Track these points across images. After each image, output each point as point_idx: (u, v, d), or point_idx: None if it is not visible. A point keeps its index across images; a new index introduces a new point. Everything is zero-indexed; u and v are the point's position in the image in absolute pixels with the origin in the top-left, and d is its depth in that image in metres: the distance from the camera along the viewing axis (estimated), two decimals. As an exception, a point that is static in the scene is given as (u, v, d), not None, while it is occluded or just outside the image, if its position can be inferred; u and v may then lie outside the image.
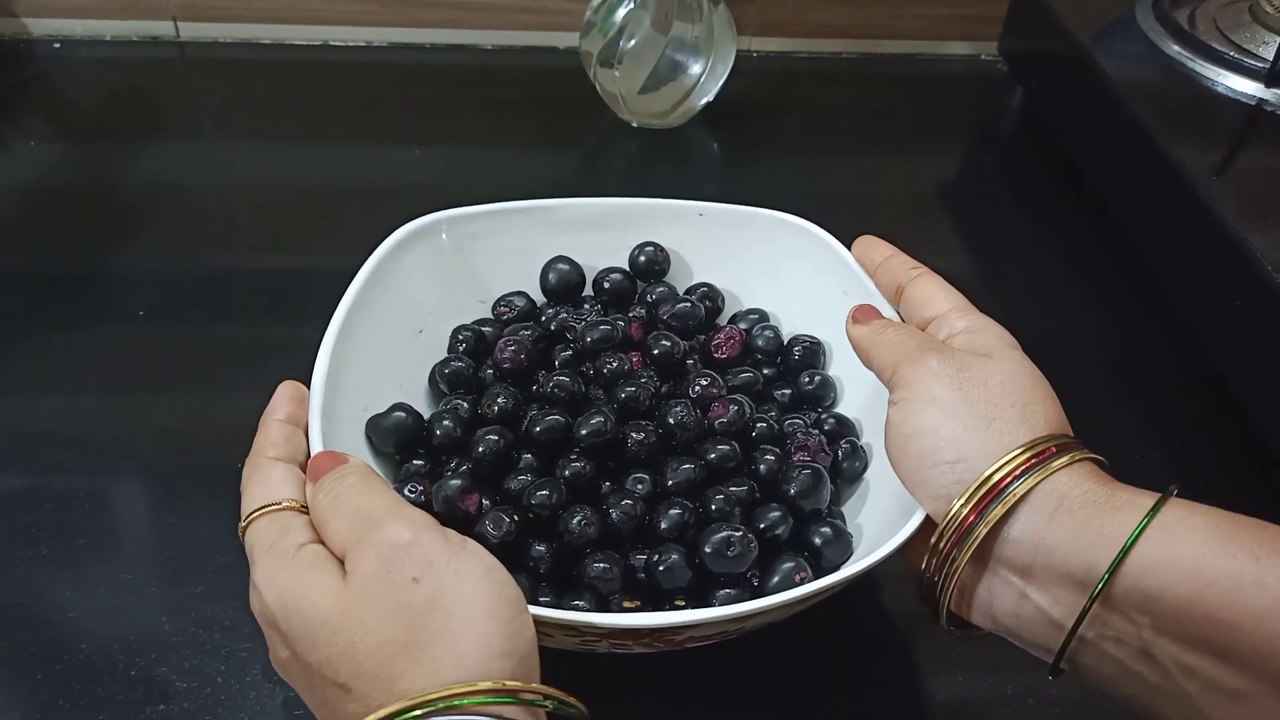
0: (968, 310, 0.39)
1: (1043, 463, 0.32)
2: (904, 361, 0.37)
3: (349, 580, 0.30)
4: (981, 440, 0.33)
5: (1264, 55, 0.62)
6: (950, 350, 0.37)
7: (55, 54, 0.80)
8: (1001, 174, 0.75)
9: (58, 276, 0.60)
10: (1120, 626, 0.30)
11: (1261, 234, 0.50)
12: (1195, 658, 0.28)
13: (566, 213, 0.52)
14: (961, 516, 0.33)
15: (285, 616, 0.30)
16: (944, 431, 0.34)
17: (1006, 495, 0.32)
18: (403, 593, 0.29)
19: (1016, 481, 0.32)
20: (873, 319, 0.41)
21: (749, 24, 0.83)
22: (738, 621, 0.35)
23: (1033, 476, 0.32)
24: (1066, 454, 0.33)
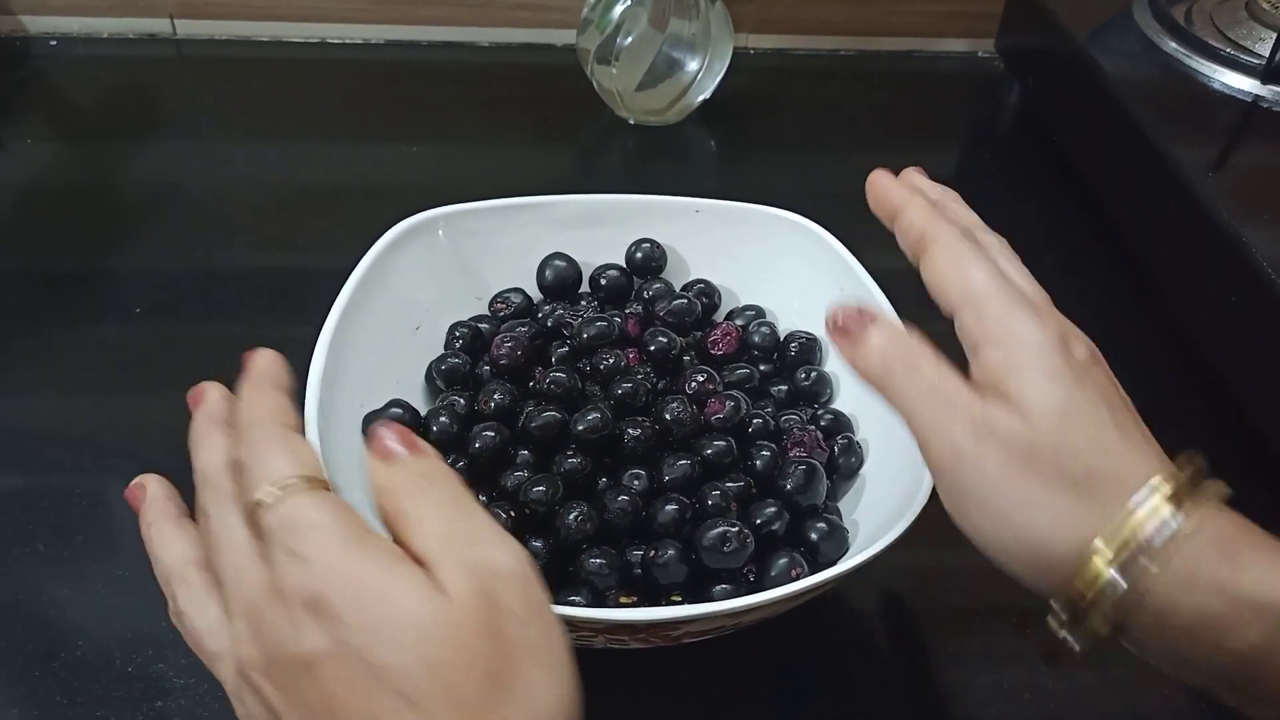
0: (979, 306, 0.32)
1: (1129, 571, 0.27)
2: (927, 440, 0.31)
3: (445, 593, 0.26)
4: (1057, 553, 0.29)
5: (1260, 52, 0.62)
6: (981, 413, 0.30)
7: (52, 51, 0.80)
8: (998, 171, 0.75)
9: (55, 275, 0.60)
10: None
11: (1257, 230, 0.50)
12: None
13: (563, 209, 0.52)
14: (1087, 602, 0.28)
15: (353, 605, 0.26)
16: (1011, 549, 0.30)
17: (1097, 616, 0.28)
18: (506, 625, 0.26)
19: (1100, 603, 0.28)
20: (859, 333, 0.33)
21: (746, 21, 0.83)
22: (734, 617, 0.35)
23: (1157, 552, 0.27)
24: (1161, 545, 0.27)
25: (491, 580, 0.27)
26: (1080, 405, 0.30)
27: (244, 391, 0.33)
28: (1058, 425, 0.29)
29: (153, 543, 0.33)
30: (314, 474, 0.30)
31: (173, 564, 0.32)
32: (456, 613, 0.26)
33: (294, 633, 0.27)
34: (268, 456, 0.30)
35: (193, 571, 0.31)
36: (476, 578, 0.27)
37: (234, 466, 0.31)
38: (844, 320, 0.33)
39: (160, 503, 0.34)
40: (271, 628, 0.27)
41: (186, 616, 0.31)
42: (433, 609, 0.26)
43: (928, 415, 0.31)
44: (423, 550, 0.28)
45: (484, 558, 0.27)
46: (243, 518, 0.30)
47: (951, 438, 0.30)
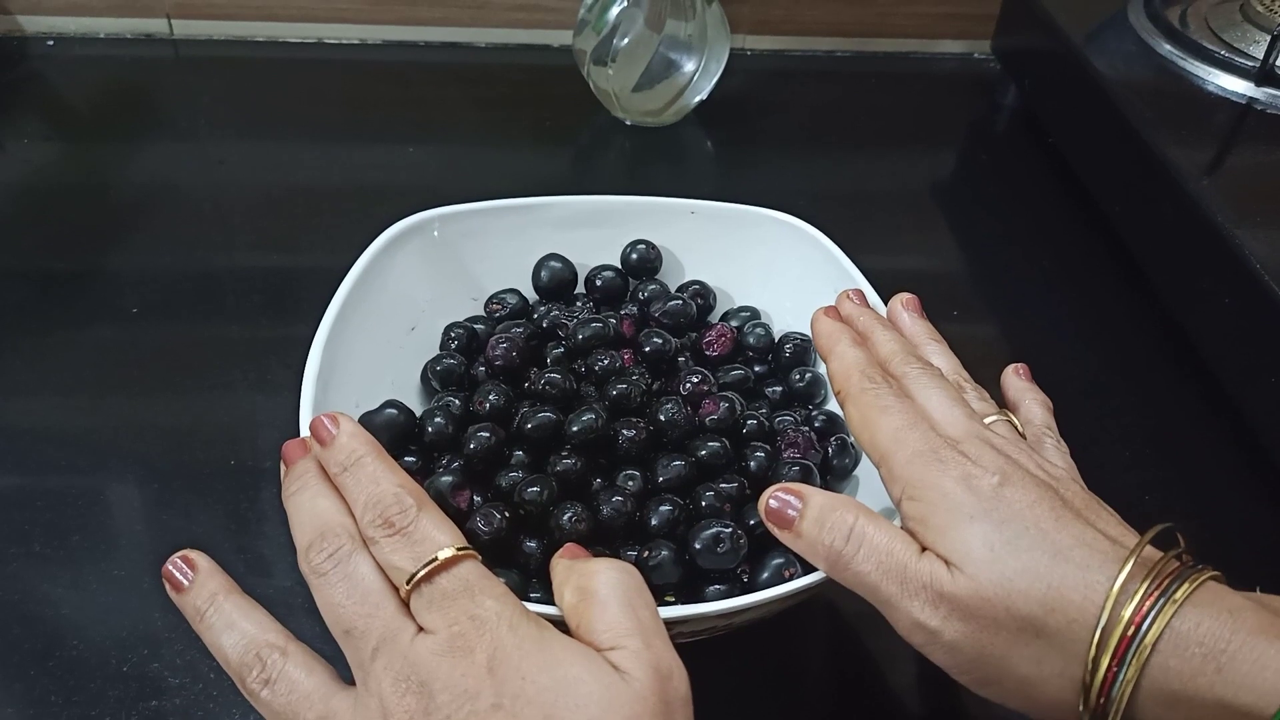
0: (887, 464, 0.34)
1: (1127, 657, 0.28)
2: (895, 617, 0.32)
3: (625, 678, 0.28)
4: (1048, 694, 0.30)
5: (1254, 54, 0.62)
6: (929, 575, 0.31)
7: (49, 52, 0.80)
8: (995, 172, 0.75)
9: (50, 275, 0.60)
10: None
11: (1252, 232, 0.50)
12: None
13: (559, 210, 0.52)
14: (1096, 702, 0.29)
15: (538, 669, 0.27)
16: (1011, 703, 0.31)
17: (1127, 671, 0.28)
18: (676, 714, 0.28)
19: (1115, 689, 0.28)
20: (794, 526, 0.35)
21: (743, 22, 0.83)
22: (727, 617, 0.35)
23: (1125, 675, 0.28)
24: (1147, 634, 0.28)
25: (668, 685, 0.28)
26: (1005, 542, 0.30)
27: (366, 458, 0.33)
28: (993, 573, 0.30)
29: (217, 626, 0.32)
30: (470, 548, 0.31)
31: (258, 635, 0.31)
32: (638, 692, 0.27)
33: (473, 689, 0.27)
34: (429, 527, 0.31)
35: (291, 644, 0.31)
36: (658, 679, 0.28)
37: (383, 523, 0.31)
38: (774, 506, 0.35)
39: (218, 577, 0.33)
40: (445, 686, 0.27)
41: (285, 683, 0.30)
42: (616, 686, 0.27)
43: (886, 592, 0.32)
44: (606, 635, 0.29)
45: (665, 663, 0.29)
46: (385, 579, 0.30)
47: (912, 614, 0.31)
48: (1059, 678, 0.29)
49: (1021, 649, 0.30)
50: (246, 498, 0.48)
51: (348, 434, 0.34)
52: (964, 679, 0.32)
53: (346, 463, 0.33)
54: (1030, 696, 0.30)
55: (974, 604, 0.30)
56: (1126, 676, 0.28)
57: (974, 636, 0.30)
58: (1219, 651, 0.27)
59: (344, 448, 0.33)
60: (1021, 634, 0.30)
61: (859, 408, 0.36)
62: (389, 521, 0.31)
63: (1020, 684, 0.30)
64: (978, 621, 0.30)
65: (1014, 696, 0.31)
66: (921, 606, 0.31)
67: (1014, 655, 0.30)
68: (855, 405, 0.36)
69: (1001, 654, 0.30)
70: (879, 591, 0.32)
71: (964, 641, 0.30)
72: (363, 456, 0.33)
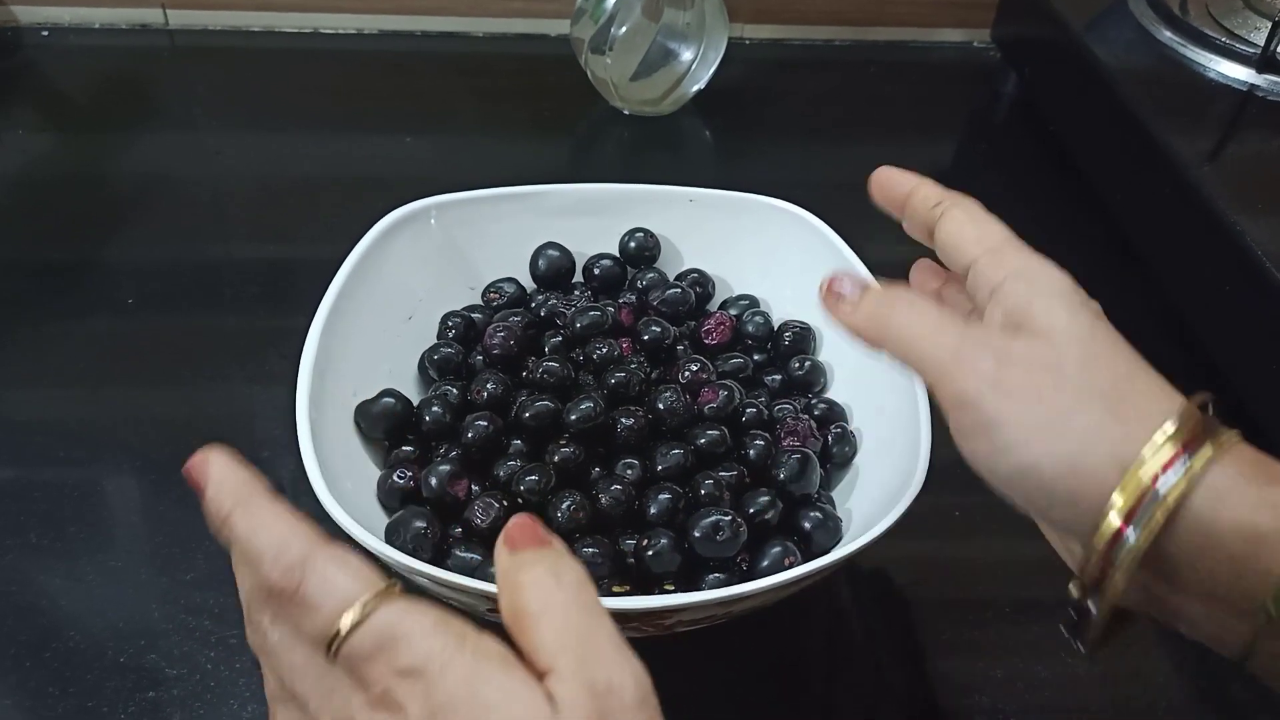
0: (1002, 251, 0.32)
1: (1176, 472, 0.27)
2: (951, 368, 0.30)
3: (555, 709, 0.24)
4: (1093, 465, 0.28)
5: (1255, 41, 0.62)
6: (1000, 341, 0.30)
7: (43, 42, 0.79)
8: (995, 160, 0.75)
9: (46, 266, 0.60)
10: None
11: (1252, 219, 0.50)
12: None
13: (556, 199, 0.52)
14: (1099, 555, 0.28)
15: (460, 700, 0.24)
16: (1048, 469, 0.28)
17: (1140, 531, 0.27)
18: None
19: (1147, 511, 0.27)
20: (859, 291, 0.34)
21: (741, 11, 0.83)
22: (726, 605, 0.35)
23: (1169, 497, 0.27)
24: (1200, 450, 0.27)
25: (608, 701, 0.25)
26: (1103, 334, 0.30)
27: (233, 514, 0.28)
28: (1084, 348, 0.29)
29: None
30: (383, 583, 0.26)
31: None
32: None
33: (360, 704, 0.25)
34: (326, 578, 0.26)
35: None
36: (594, 698, 0.25)
37: (272, 594, 0.27)
38: (837, 286, 0.34)
39: None
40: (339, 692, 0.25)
41: None
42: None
43: (945, 349, 0.30)
44: (540, 656, 0.26)
45: (603, 677, 0.25)
46: (307, 643, 0.26)
47: (975, 366, 0.29)
48: (1110, 451, 0.28)
49: (1082, 414, 0.28)
50: (244, 488, 0.47)
51: (214, 486, 0.28)
52: (994, 440, 0.29)
53: (217, 524, 0.28)
54: (1066, 465, 0.28)
55: (1054, 365, 0.29)
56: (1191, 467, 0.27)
57: (1039, 393, 0.29)
58: (1270, 464, 0.27)
59: (211, 505, 0.28)
60: (1090, 401, 0.29)
61: (969, 210, 0.35)
62: (276, 591, 0.26)
63: (1063, 448, 0.28)
64: (1052, 383, 0.29)
65: (1044, 466, 0.29)
66: (987, 361, 0.29)
67: (1072, 418, 0.28)
68: (965, 209, 0.35)
69: (1057, 417, 0.28)
70: (932, 354, 0.31)
71: (1025, 396, 0.29)
72: (229, 514, 0.28)
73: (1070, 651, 0.43)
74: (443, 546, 0.39)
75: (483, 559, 0.38)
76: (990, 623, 0.44)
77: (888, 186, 0.37)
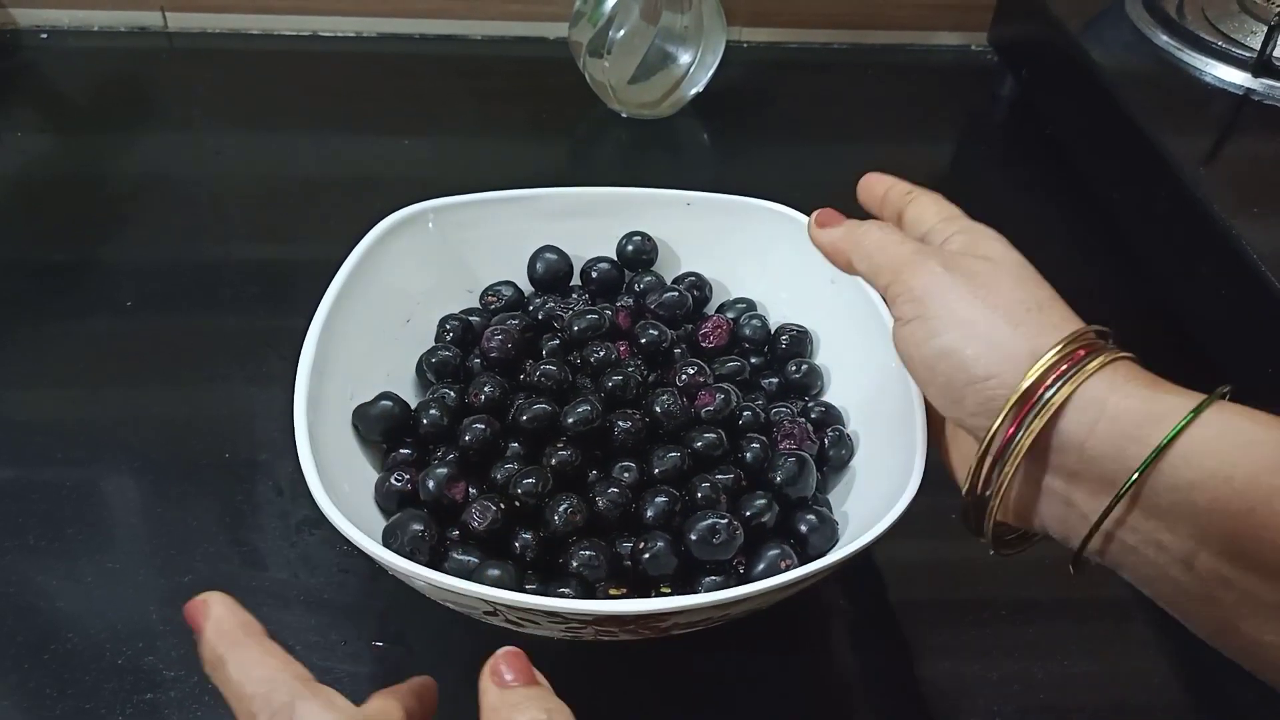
0: (956, 218, 0.38)
1: (1076, 367, 0.31)
2: (905, 268, 0.35)
3: None
4: (1010, 351, 0.32)
5: (1251, 45, 0.62)
6: (952, 255, 0.35)
7: (42, 44, 0.79)
8: (992, 163, 0.75)
9: (45, 267, 0.60)
10: (1164, 536, 0.29)
11: (1248, 222, 0.50)
12: (1236, 571, 0.28)
13: (554, 202, 0.52)
14: (1003, 432, 0.32)
15: None
16: (970, 349, 0.33)
17: (1043, 406, 0.31)
18: None
19: (1052, 390, 0.31)
20: (841, 220, 0.40)
21: (739, 14, 0.83)
22: (723, 608, 0.35)
23: (1068, 384, 0.31)
24: (1099, 355, 0.31)
25: None
26: (1031, 270, 0.35)
27: (225, 656, 0.29)
28: (1017, 272, 0.34)
29: None
30: (371, 713, 0.28)
31: None
32: None
33: None
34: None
35: None
36: None
37: None
38: (823, 216, 0.40)
39: None
40: None
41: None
42: None
43: (903, 253, 0.36)
44: None
45: None
46: None
47: (927, 266, 0.35)
48: (1028, 341, 0.32)
49: (1010, 312, 0.33)
50: (242, 490, 0.47)
51: (212, 626, 0.29)
52: (932, 329, 0.34)
53: (212, 669, 0.29)
54: (989, 347, 0.32)
55: (990, 275, 0.34)
56: (1031, 427, 0.31)
57: (978, 293, 0.33)
58: (1115, 416, 0.30)
59: (208, 645, 0.29)
60: (1017, 305, 0.33)
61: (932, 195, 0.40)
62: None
63: (990, 336, 0.33)
64: (987, 288, 0.34)
65: (969, 350, 0.33)
66: (938, 265, 0.34)
67: (1001, 315, 0.33)
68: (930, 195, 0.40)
69: (990, 312, 0.33)
70: (890, 261, 0.36)
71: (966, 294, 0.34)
72: (222, 656, 0.29)
73: (1065, 654, 0.43)
74: (440, 549, 0.39)
75: (480, 561, 0.38)
76: (987, 624, 0.44)
77: (869, 186, 0.43)
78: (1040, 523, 0.34)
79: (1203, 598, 0.29)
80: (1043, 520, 0.33)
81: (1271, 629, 0.28)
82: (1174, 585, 0.30)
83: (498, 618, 0.36)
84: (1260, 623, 0.28)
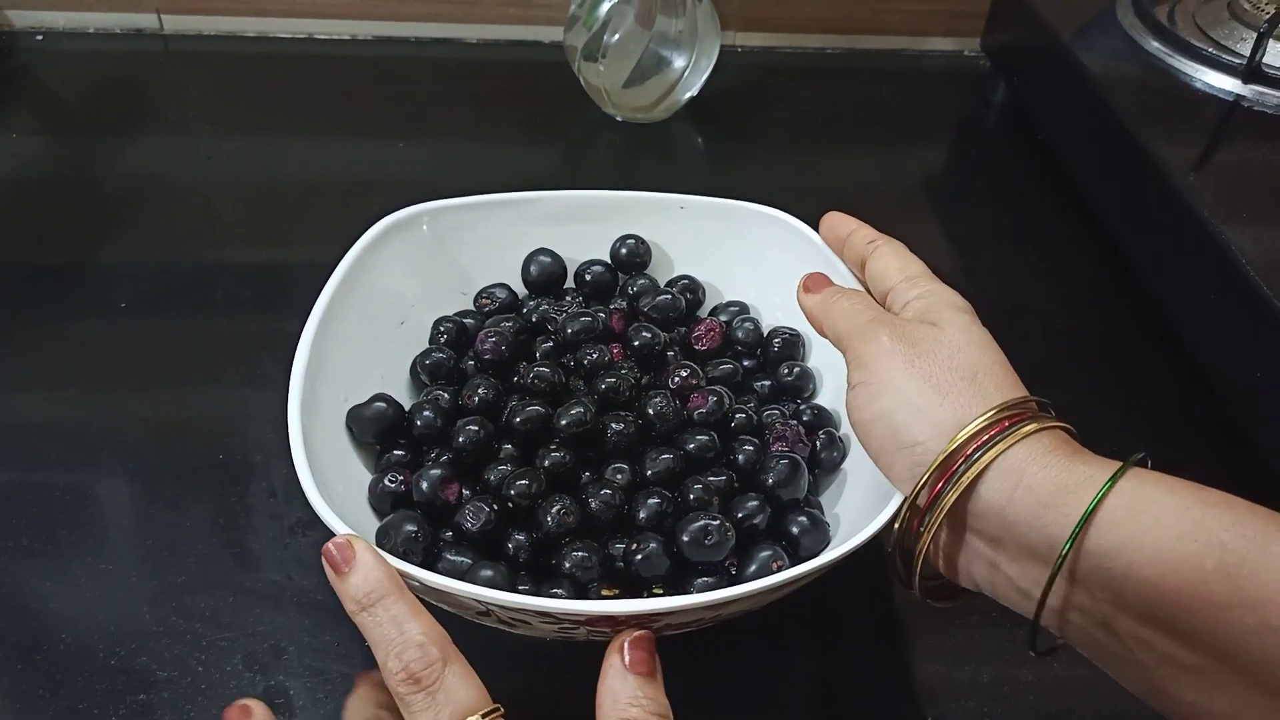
0: (918, 279, 0.40)
1: (999, 436, 0.32)
2: (857, 336, 0.38)
3: None
4: (936, 419, 0.34)
5: (1241, 51, 0.62)
6: (901, 324, 0.37)
7: (38, 46, 0.80)
8: (984, 168, 0.75)
9: (40, 269, 0.60)
10: (1083, 600, 0.30)
11: (1238, 228, 0.50)
12: (1154, 635, 0.29)
13: (548, 205, 0.52)
14: (925, 495, 0.33)
15: None
16: (901, 416, 0.34)
17: (960, 478, 0.32)
18: None
19: (969, 462, 0.32)
20: (824, 287, 0.42)
21: (733, 19, 0.83)
22: (715, 609, 0.36)
23: (988, 453, 0.32)
24: (1023, 425, 0.32)
25: None
26: (980, 335, 0.37)
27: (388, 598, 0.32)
28: (961, 338, 0.36)
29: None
30: (492, 705, 0.31)
31: None
32: None
33: None
34: (455, 685, 0.31)
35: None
36: None
37: (393, 679, 0.31)
38: (810, 282, 0.43)
39: None
40: None
41: None
42: None
43: (859, 324, 0.38)
44: None
45: None
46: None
47: (876, 337, 0.37)
48: (954, 413, 0.33)
49: (948, 381, 0.34)
50: (235, 492, 0.48)
51: (367, 567, 0.32)
52: (875, 394, 0.36)
53: (366, 602, 0.32)
54: (920, 416, 0.34)
55: (932, 344, 0.36)
56: (945, 499, 0.32)
57: (918, 364, 0.35)
58: (1031, 486, 0.31)
59: (364, 584, 0.32)
60: (955, 376, 0.35)
61: (894, 247, 0.42)
62: (415, 678, 0.30)
63: (922, 405, 0.34)
64: (928, 357, 0.35)
65: (901, 417, 0.35)
66: (889, 335, 0.37)
67: (938, 386, 0.34)
68: (891, 246, 0.42)
69: (925, 384, 0.35)
70: (851, 327, 0.39)
71: (906, 365, 0.36)
72: (385, 596, 0.32)
73: (1055, 657, 0.43)
74: (433, 550, 0.39)
75: (473, 562, 0.38)
76: (976, 627, 0.44)
77: (833, 226, 0.46)
78: (971, 581, 0.35)
79: (1126, 660, 0.30)
80: (973, 579, 0.35)
81: (1192, 689, 0.29)
82: (1101, 648, 0.31)
83: (490, 618, 0.36)
84: (1182, 684, 0.29)
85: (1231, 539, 0.28)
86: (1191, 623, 0.28)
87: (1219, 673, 0.28)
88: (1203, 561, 0.28)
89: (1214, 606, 0.27)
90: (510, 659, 0.41)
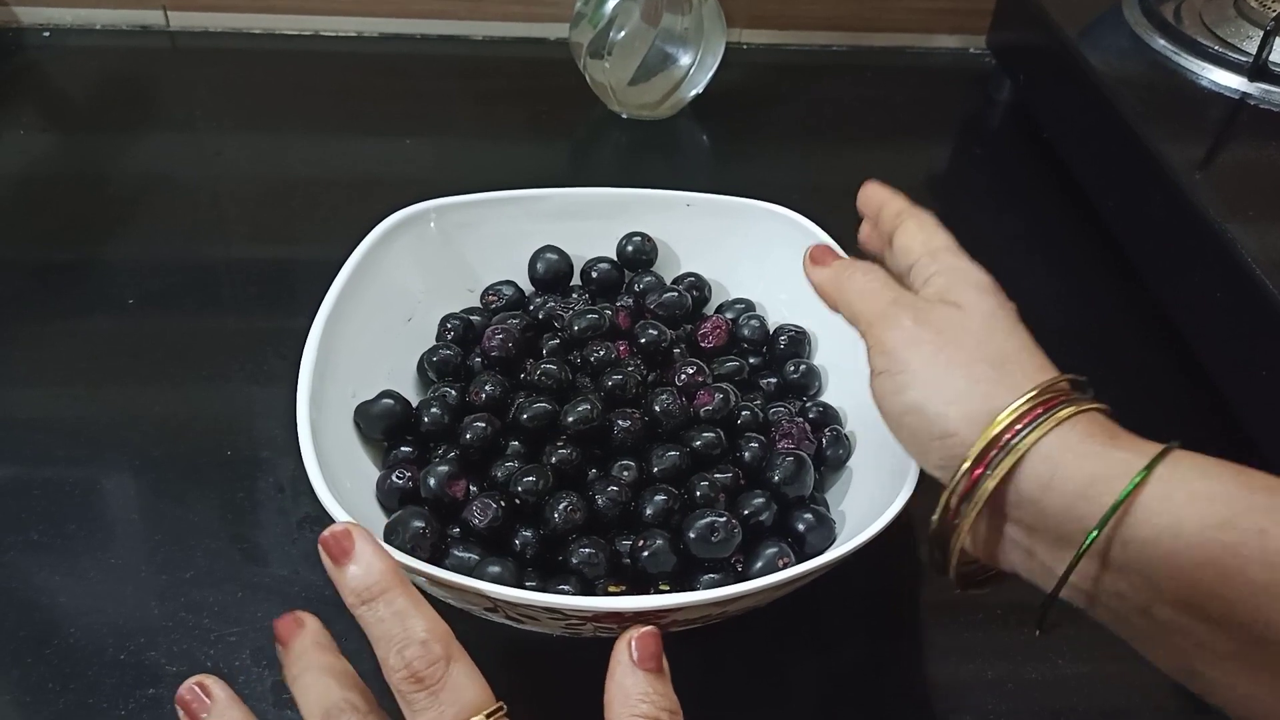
0: (939, 253, 0.38)
1: (1032, 425, 0.31)
2: (878, 321, 0.36)
3: None
4: (969, 410, 0.33)
5: (1248, 49, 0.62)
6: (923, 305, 0.36)
7: (45, 43, 0.80)
8: (989, 166, 0.75)
9: (47, 266, 0.60)
10: (1121, 587, 0.30)
11: (1243, 226, 0.50)
12: (1191, 621, 0.29)
13: (555, 202, 0.52)
14: (964, 483, 0.32)
15: None
16: (932, 408, 0.33)
17: (996, 467, 0.31)
18: None
19: (1005, 450, 0.31)
20: (831, 259, 0.41)
21: (739, 16, 0.83)
22: (721, 605, 0.36)
23: (1024, 440, 0.31)
24: (1058, 410, 0.32)
25: None
26: (1005, 316, 0.36)
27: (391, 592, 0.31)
28: (986, 322, 0.35)
29: None
30: (496, 705, 0.30)
31: None
32: None
33: None
34: (460, 683, 0.29)
35: None
36: None
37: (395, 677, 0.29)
38: (816, 254, 0.41)
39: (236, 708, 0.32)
40: None
41: None
42: None
43: (878, 306, 0.37)
44: None
45: None
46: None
47: (898, 320, 0.36)
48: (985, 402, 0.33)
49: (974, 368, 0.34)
50: (243, 487, 0.48)
51: (367, 558, 0.31)
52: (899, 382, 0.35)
53: (368, 596, 0.30)
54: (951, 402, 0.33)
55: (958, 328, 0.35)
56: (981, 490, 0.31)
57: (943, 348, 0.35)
58: (1068, 476, 0.30)
59: (365, 577, 0.30)
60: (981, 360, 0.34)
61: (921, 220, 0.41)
62: (417, 677, 0.29)
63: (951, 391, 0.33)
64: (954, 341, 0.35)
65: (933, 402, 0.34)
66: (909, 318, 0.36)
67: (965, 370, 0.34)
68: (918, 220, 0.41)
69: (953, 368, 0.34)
70: (869, 308, 0.37)
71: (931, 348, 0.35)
72: (388, 590, 0.30)
73: (1059, 655, 0.43)
74: (440, 546, 0.39)
75: (480, 558, 0.39)
76: (981, 625, 0.44)
77: (868, 196, 0.44)
78: (1008, 565, 0.34)
79: (1164, 643, 0.30)
80: (1010, 564, 0.34)
81: (1229, 673, 0.29)
82: (1136, 630, 0.31)
83: (498, 614, 0.36)
84: (1218, 667, 0.29)
85: (1272, 525, 0.27)
86: (1230, 611, 0.28)
87: (1256, 656, 0.28)
88: (1241, 549, 0.27)
89: (1251, 593, 0.27)
90: (515, 655, 0.41)
